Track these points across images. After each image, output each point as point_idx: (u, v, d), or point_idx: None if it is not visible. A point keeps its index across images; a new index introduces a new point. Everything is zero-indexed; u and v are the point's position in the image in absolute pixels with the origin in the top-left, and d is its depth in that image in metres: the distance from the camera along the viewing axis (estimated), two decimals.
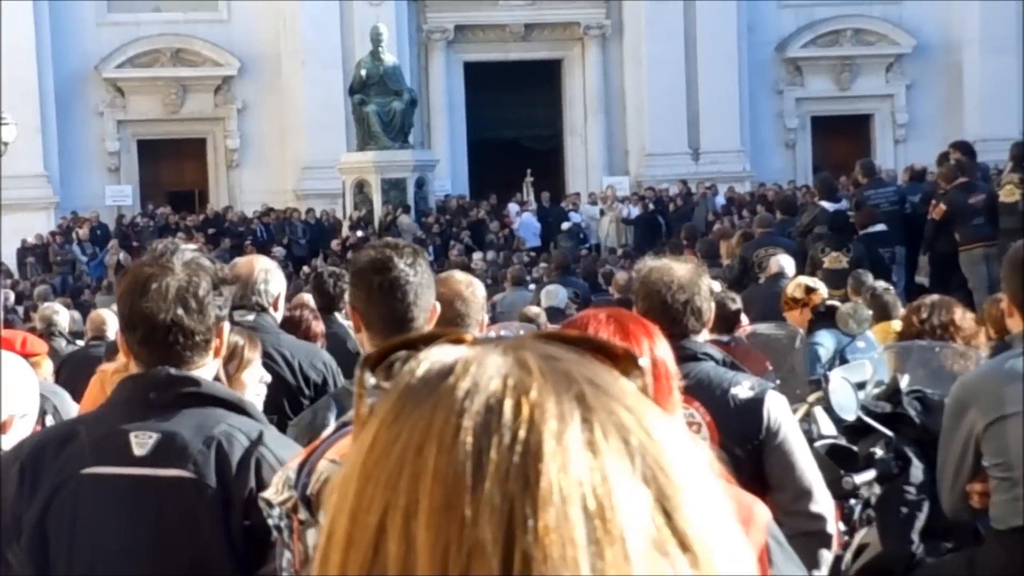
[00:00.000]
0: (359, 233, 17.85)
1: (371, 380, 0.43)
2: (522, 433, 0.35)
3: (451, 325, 2.29)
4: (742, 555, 0.39)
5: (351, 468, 0.39)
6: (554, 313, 8.11)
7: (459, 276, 2.90)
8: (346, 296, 3.13)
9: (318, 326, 4.38)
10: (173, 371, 1.83)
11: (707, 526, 0.36)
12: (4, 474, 1.84)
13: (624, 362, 0.42)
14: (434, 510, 0.34)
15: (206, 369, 1.91)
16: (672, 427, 0.40)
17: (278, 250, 17.18)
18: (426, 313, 2.12)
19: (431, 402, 0.37)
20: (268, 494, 1.70)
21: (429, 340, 0.43)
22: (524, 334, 0.52)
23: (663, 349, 1.64)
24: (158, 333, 1.81)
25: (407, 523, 0.35)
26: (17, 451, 1.93)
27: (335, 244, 18.40)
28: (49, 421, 3.11)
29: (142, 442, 1.81)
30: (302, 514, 1.61)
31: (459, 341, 0.42)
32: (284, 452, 1.87)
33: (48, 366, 4.95)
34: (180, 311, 1.80)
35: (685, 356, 2.47)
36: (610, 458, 0.36)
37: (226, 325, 1.96)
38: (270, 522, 1.70)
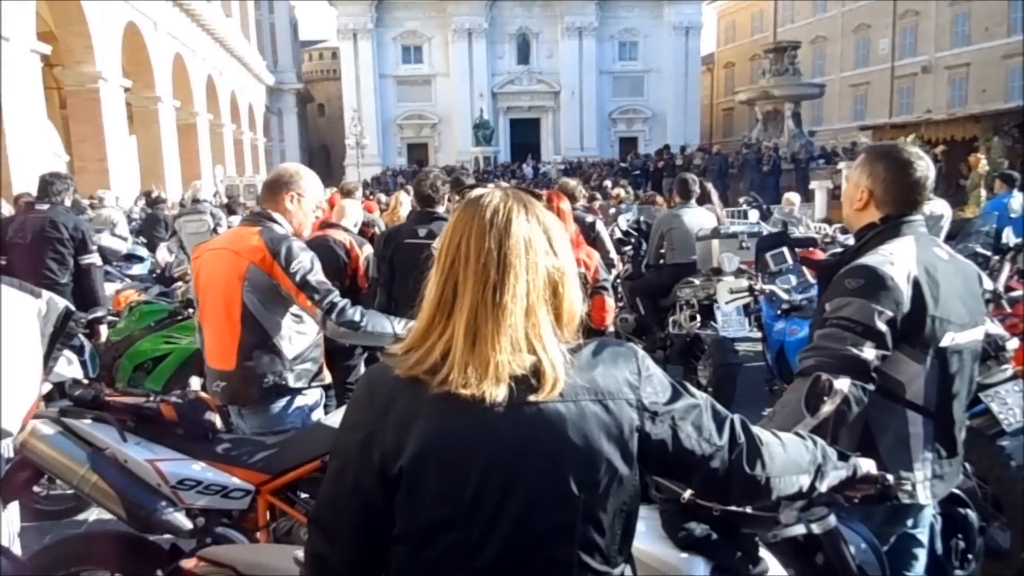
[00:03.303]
0: None
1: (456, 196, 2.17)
2: (503, 215, 1.17)
3: None
4: (572, 263, 1.22)
5: (450, 226, 1.21)
6: None
7: None
8: None
9: None
10: None
11: (562, 248, 1.21)
12: None
13: (543, 200, 1.26)
14: (475, 240, 1.16)
15: None
16: (556, 221, 1.24)
17: None
18: None
19: (474, 206, 1.20)
20: None
21: (476, 185, 1.29)
22: (512, 185, 1.33)
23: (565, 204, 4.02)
24: None
25: (466, 247, 1.16)
26: None
27: None
28: None
29: None
30: None
31: (485, 185, 1.29)
32: None
33: None
34: None
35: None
36: (535, 225, 1.19)
37: None
38: None
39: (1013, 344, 3.10)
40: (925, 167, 2.01)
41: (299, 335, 2.88)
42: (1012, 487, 3.03)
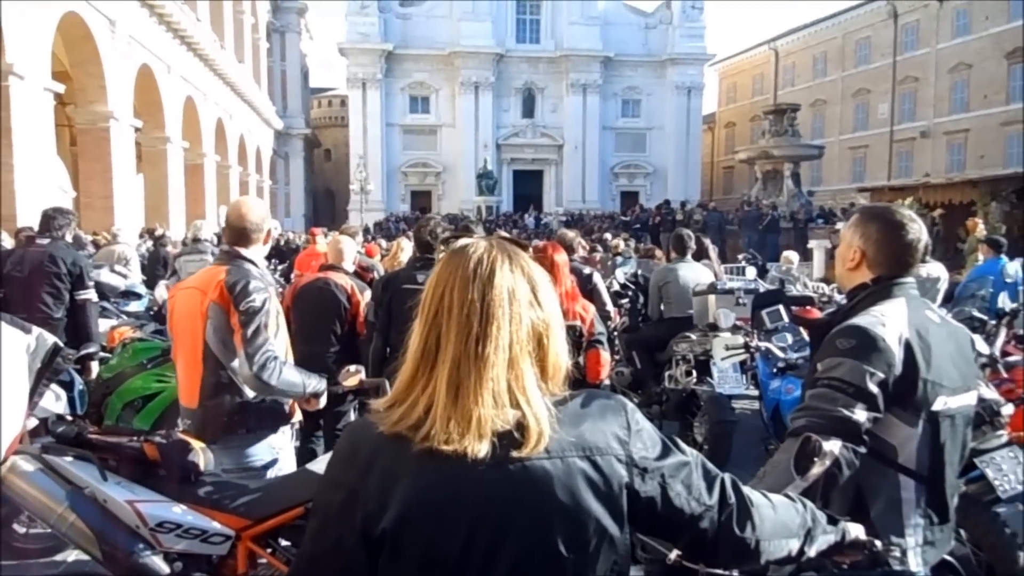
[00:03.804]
0: None
1: (442, 247, 1.27)
2: (487, 266, 1.15)
3: None
4: (557, 315, 1.20)
5: (434, 276, 1.19)
6: None
7: None
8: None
9: None
10: None
11: (547, 300, 1.19)
12: None
13: (529, 250, 1.25)
14: (458, 290, 1.14)
15: None
16: (542, 272, 1.21)
17: None
18: None
19: (458, 256, 1.18)
20: None
21: (460, 236, 1.25)
22: (499, 236, 1.29)
23: (560, 256, 4.10)
24: None
25: (450, 297, 1.14)
26: None
27: None
28: None
29: None
30: None
31: (470, 235, 1.29)
32: None
33: None
34: None
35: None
36: (519, 276, 1.17)
37: None
38: None
39: (1008, 410, 3.07)
40: (918, 230, 2.02)
41: None
42: (1007, 555, 2.97)
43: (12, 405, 2.32)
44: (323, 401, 3.09)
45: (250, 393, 2.83)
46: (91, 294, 5.46)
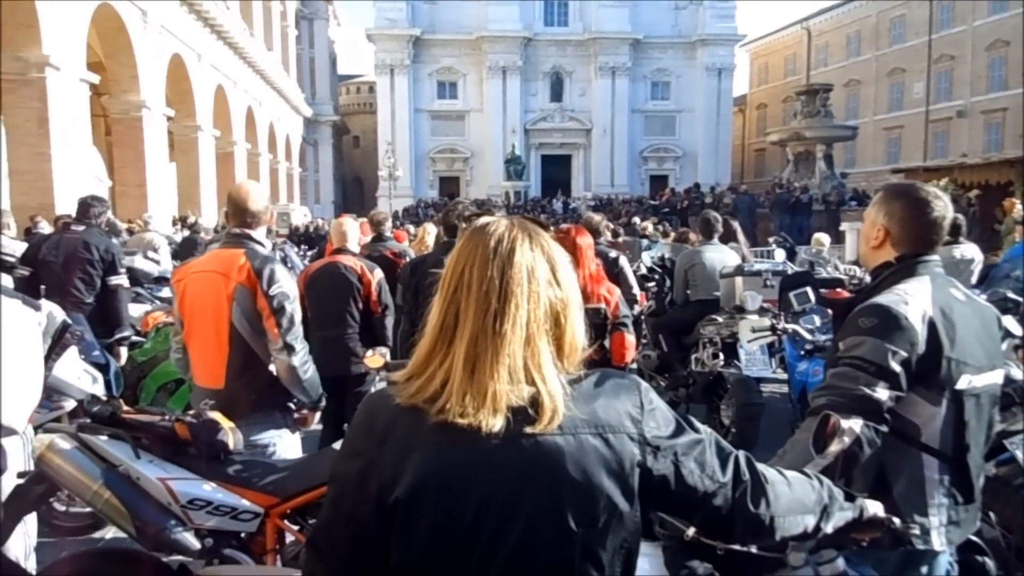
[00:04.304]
0: None
1: (464, 226, 1.60)
2: (507, 244, 1.17)
3: None
4: (576, 295, 1.21)
5: (455, 253, 1.20)
6: None
7: None
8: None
9: None
10: None
11: (566, 280, 1.20)
12: None
13: (550, 230, 1.26)
14: (478, 267, 1.15)
15: None
16: (562, 252, 1.23)
17: None
18: None
19: (479, 235, 1.19)
20: None
21: (480, 214, 1.27)
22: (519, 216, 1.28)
23: (584, 239, 3.98)
24: None
25: (469, 274, 1.16)
26: None
27: None
28: None
29: None
30: None
31: (493, 214, 1.27)
32: None
33: None
34: None
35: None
36: (539, 255, 1.18)
37: None
38: None
39: None
40: (942, 207, 1.99)
41: None
42: None
43: (30, 374, 2.44)
44: (317, 417, 3.22)
45: (275, 370, 2.93)
46: (123, 280, 5.58)
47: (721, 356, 5.90)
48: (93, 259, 5.38)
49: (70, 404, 3.80)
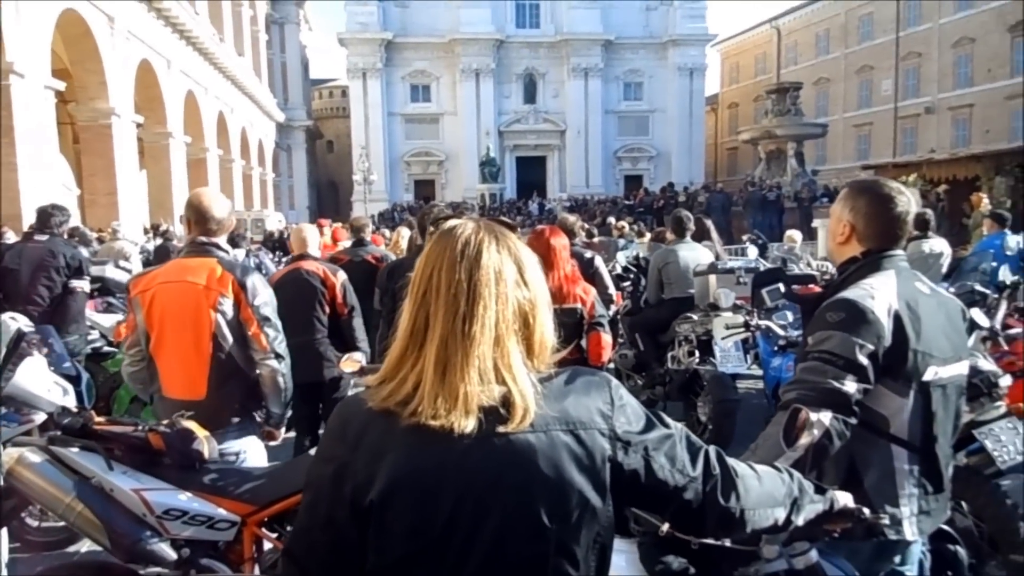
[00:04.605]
0: None
1: (432, 229, 1.26)
2: (475, 247, 1.17)
3: None
4: (544, 295, 1.22)
5: (423, 257, 1.20)
6: None
7: None
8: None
9: None
10: None
11: (534, 280, 1.20)
12: None
13: (517, 232, 1.27)
14: (446, 270, 1.16)
15: None
16: (529, 253, 1.23)
17: None
18: None
19: (446, 237, 1.19)
20: None
21: (450, 216, 1.27)
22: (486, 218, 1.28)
23: (558, 240, 4.07)
24: None
25: (438, 277, 1.16)
26: None
27: None
28: None
29: None
30: None
31: (460, 217, 1.26)
32: None
33: None
34: None
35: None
36: (506, 257, 1.18)
37: None
38: None
39: (1006, 381, 3.09)
40: (906, 202, 2.03)
41: None
42: (1008, 526, 2.99)
43: None
44: (281, 433, 3.21)
45: (260, 377, 2.96)
46: (84, 284, 5.59)
47: (697, 353, 5.95)
48: (59, 266, 5.35)
49: (40, 417, 3.73)
